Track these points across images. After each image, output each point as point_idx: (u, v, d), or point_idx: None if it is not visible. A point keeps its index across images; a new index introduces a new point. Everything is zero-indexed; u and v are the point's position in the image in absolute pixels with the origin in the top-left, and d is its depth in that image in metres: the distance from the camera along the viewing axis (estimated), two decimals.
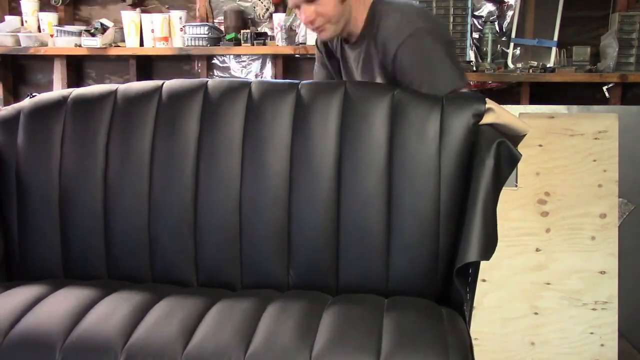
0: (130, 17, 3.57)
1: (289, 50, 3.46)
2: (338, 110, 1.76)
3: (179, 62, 3.82)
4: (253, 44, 3.45)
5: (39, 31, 3.72)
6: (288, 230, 1.76)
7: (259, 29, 3.66)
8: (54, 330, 1.51)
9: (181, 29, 3.54)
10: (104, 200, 1.83)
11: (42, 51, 3.61)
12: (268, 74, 3.74)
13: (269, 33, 3.58)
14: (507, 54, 3.44)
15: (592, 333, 2.68)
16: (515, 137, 1.72)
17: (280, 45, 3.44)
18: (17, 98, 3.86)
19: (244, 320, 1.54)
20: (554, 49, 3.32)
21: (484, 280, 2.57)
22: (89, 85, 3.66)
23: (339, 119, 1.76)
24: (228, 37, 3.51)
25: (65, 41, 3.58)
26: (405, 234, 1.71)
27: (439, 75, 1.86)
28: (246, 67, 3.79)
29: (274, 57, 3.68)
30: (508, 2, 3.46)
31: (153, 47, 3.58)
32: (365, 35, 2.00)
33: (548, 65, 3.29)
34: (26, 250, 1.88)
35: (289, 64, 3.71)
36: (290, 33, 3.44)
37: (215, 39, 3.50)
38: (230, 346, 1.45)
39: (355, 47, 2.06)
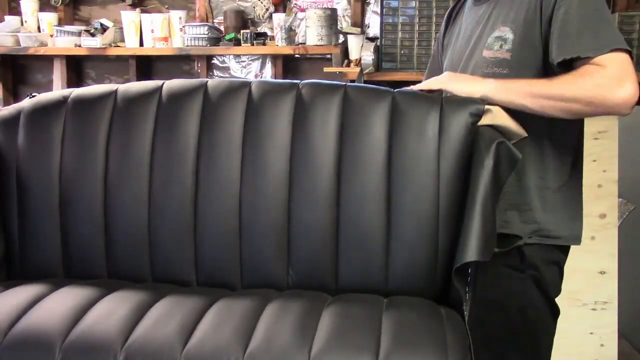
0: (130, 17, 3.57)
1: (288, 51, 3.46)
2: (338, 110, 1.77)
3: (178, 62, 3.83)
4: (253, 44, 3.45)
5: (39, 31, 3.72)
6: (288, 230, 1.76)
7: (258, 29, 3.67)
8: (54, 330, 1.51)
9: (181, 29, 3.55)
10: (104, 200, 1.83)
11: (42, 51, 3.62)
12: (268, 74, 3.74)
13: (269, 33, 3.58)
14: None
15: (592, 333, 2.69)
16: (512, 140, 1.72)
17: (279, 45, 3.45)
18: (17, 98, 3.87)
19: (243, 319, 1.54)
20: None
21: None
22: (89, 85, 3.67)
23: (339, 119, 1.76)
24: (228, 37, 3.51)
25: (65, 41, 3.59)
26: (404, 234, 1.71)
27: (605, 29, 1.62)
28: (246, 67, 3.80)
29: (274, 57, 3.69)
30: None
31: (153, 47, 3.59)
32: None
33: None
34: (26, 250, 1.88)
35: (288, 64, 3.72)
36: (289, 33, 3.45)
37: (215, 39, 3.51)
38: (229, 345, 1.45)
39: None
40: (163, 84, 1.89)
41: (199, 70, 3.79)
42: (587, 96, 1.59)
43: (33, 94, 2.02)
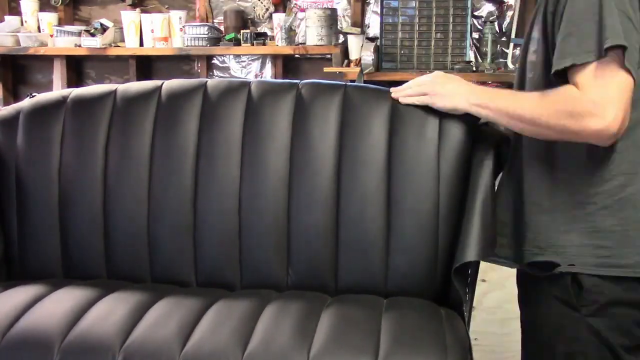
0: (130, 17, 3.57)
1: (288, 50, 3.46)
2: (338, 110, 1.76)
3: (178, 62, 3.83)
4: (253, 44, 3.45)
5: (39, 31, 3.72)
6: (287, 230, 1.75)
7: (258, 29, 3.66)
8: (53, 330, 1.51)
9: (181, 29, 3.55)
10: (104, 200, 1.83)
11: (42, 51, 3.62)
12: (268, 74, 3.74)
13: (269, 33, 3.58)
14: (507, 54, 3.44)
15: None
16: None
17: (279, 45, 3.44)
18: (17, 98, 3.87)
19: (242, 320, 1.54)
20: None
21: (483, 281, 2.57)
22: (89, 85, 3.67)
23: (339, 119, 1.75)
24: (228, 37, 3.51)
25: (65, 41, 3.59)
26: (404, 234, 1.70)
27: (590, 29, 1.31)
28: (246, 67, 3.79)
29: (274, 57, 3.69)
30: (508, 2, 3.46)
31: (153, 47, 3.58)
32: None
33: None
34: (25, 250, 1.88)
35: (288, 64, 3.71)
36: (289, 33, 3.44)
37: (215, 39, 3.51)
38: (228, 346, 1.45)
39: None
40: (162, 84, 1.89)
41: (199, 70, 3.78)
42: (559, 124, 1.35)
43: (33, 94, 2.02)
